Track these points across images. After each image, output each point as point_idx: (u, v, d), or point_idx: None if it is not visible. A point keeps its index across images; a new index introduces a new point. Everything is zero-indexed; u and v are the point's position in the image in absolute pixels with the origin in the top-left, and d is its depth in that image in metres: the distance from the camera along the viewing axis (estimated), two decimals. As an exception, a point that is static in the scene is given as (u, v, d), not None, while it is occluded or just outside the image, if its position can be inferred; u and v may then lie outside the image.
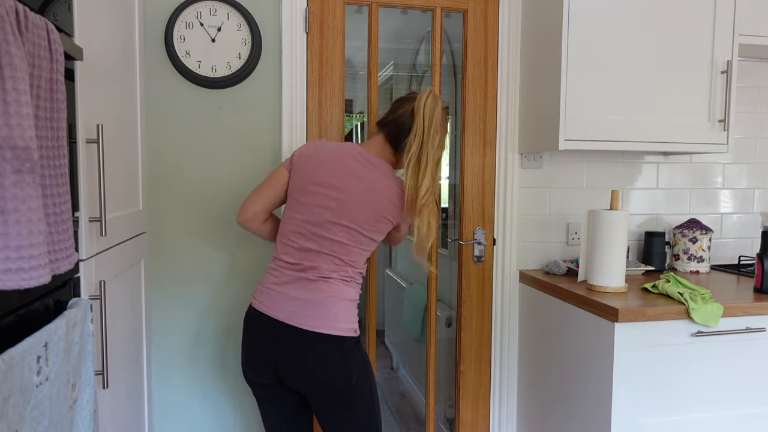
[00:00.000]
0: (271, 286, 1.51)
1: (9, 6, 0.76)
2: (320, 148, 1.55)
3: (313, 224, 1.49)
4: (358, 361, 1.49)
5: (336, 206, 1.48)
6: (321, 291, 1.47)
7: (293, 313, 1.46)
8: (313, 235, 1.49)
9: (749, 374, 1.75)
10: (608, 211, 1.80)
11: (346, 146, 1.56)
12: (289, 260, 1.51)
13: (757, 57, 2.32)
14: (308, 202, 1.50)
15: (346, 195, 1.49)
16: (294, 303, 1.47)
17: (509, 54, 2.14)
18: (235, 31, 1.89)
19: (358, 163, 1.52)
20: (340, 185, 1.49)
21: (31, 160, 0.77)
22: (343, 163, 1.51)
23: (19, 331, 0.89)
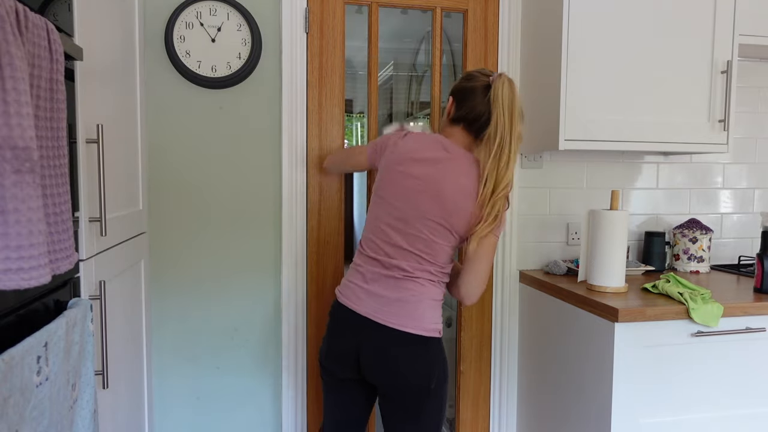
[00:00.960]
0: (357, 281, 1.53)
1: (9, 6, 0.76)
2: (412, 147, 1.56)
3: (398, 219, 1.50)
4: (441, 364, 1.49)
5: (419, 200, 1.48)
6: (407, 290, 1.47)
7: (378, 310, 1.47)
8: (397, 231, 1.49)
9: (749, 374, 1.75)
10: (608, 211, 1.80)
11: (432, 138, 1.55)
12: (374, 256, 1.51)
13: (757, 57, 2.32)
14: (393, 201, 1.51)
15: (430, 187, 1.48)
16: (379, 300, 1.48)
17: (509, 54, 2.14)
18: (235, 31, 1.89)
19: (443, 154, 1.50)
20: (424, 178, 1.48)
21: (31, 160, 0.77)
22: (428, 155, 1.51)
23: (19, 331, 0.89)
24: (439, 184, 1.48)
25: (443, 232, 1.48)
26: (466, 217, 1.47)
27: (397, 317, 1.45)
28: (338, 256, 2.07)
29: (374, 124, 2.12)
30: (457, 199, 1.46)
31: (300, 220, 2.01)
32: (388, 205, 1.51)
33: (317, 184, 2.04)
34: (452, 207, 1.46)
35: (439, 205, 1.47)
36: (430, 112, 2.15)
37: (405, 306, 1.46)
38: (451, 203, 1.46)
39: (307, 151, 2.01)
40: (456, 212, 1.47)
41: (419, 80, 2.93)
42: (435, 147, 1.51)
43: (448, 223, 1.47)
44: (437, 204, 1.47)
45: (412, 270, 1.48)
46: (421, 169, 1.49)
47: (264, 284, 2.01)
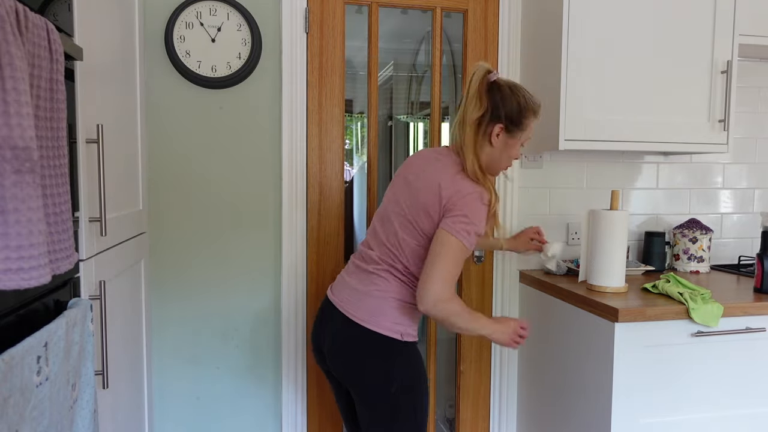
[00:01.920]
0: (342, 273, 1.56)
1: (9, 6, 0.76)
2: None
3: (381, 215, 1.52)
4: (401, 368, 1.42)
5: (396, 191, 1.50)
6: (374, 284, 1.45)
7: (345, 300, 1.47)
8: (380, 224, 1.51)
9: (749, 374, 1.75)
10: (608, 211, 1.80)
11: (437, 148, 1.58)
12: (360, 248, 1.55)
13: (757, 57, 2.32)
14: (383, 202, 1.55)
15: (409, 181, 1.48)
16: (350, 291, 1.48)
17: (509, 54, 2.14)
18: (235, 31, 1.89)
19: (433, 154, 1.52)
20: (409, 174, 1.50)
21: (31, 160, 0.77)
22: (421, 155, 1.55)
23: (19, 331, 0.89)
24: (411, 174, 1.49)
25: (408, 226, 1.43)
26: (427, 212, 1.41)
27: (359, 310, 1.43)
28: (338, 256, 2.07)
29: (374, 124, 2.12)
30: (421, 190, 1.43)
31: (300, 220, 2.00)
32: (382, 204, 1.55)
33: (317, 184, 2.04)
34: (416, 199, 1.43)
35: (408, 195, 1.45)
36: (430, 113, 2.15)
37: (368, 300, 1.44)
38: (416, 194, 1.44)
39: (307, 151, 2.01)
40: (418, 206, 1.42)
41: (419, 80, 2.93)
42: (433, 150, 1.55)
43: (412, 217, 1.43)
44: (407, 193, 1.46)
45: (382, 263, 1.46)
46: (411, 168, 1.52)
47: (264, 284, 2.01)
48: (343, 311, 1.46)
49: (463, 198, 1.37)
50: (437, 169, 1.45)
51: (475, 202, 1.37)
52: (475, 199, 1.38)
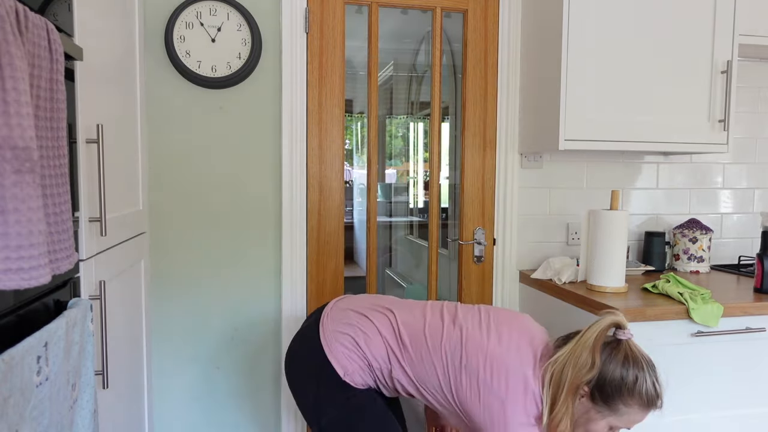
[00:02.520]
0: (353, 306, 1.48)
1: (9, 6, 0.76)
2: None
3: (444, 312, 1.41)
4: (332, 405, 1.34)
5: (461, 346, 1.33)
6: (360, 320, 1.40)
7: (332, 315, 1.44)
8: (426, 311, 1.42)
9: (749, 374, 1.75)
10: (608, 211, 1.80)
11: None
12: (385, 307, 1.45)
13: (757, 57, 2.32)
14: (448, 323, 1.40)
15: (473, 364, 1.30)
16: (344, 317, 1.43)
17: (509, 54, 2.14)
18: (235, 31, 1.89)
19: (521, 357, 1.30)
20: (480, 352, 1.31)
21: (31, 160, 0.77)
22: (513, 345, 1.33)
23: (19, 331, 0.89)
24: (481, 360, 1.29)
25: (449, 374, 1.30)
26: (471, 408, 1.27)
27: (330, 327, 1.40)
28: (338, 256, 2.07)
29: (374, 124, 2.12)
30: (478, 389, 1.27)
31: (300, 220, 2.00)
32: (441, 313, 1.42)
33: (317, 184, 2.04)
34: (466, 389, 1.28)
35: (463, 375, 1.29)
36: (430, 113, 2.15)
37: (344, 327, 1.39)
38: (472, 385, 1.28)
39: (307, 151, 2.01)
40: (465, 396, 1.28)
41: (419, 80, 2.93)
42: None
43: (455, 389, 1.29)
44: (462, 374, 1.29)
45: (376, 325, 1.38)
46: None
47: (264, 284, 2.01)
48: (321, 320, 1.44)
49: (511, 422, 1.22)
50: (511, 393, 1.24)
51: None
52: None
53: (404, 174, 3.20)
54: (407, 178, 3.21)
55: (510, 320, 1.38)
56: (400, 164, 3.23)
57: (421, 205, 2.97)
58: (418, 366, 1.34)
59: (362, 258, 2.42)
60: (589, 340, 1.22)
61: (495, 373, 1.26)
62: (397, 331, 1.37)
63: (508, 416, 1.23)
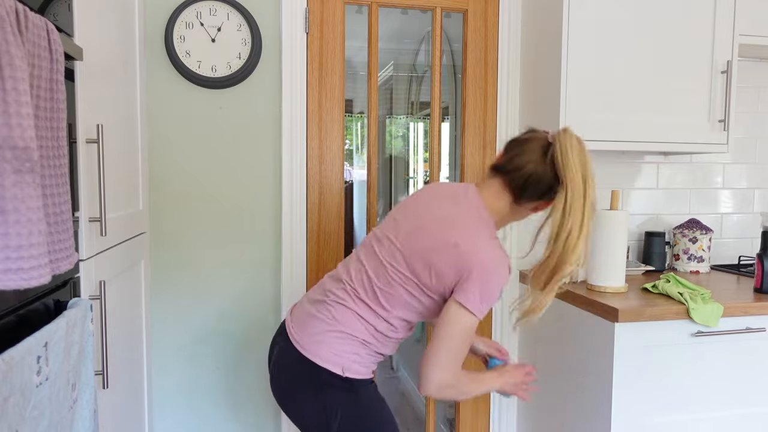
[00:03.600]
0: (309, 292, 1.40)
1: (9, 6, 0.76)
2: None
3: (372, 238, 1.34)
4: (344, 405, 1.24)
5: (400, 228, 1.28)
6: (328, 308, 1.28)
7: (295, 318, 1.33)
8: (365, 245, 1.33)
9: (749, 374, 1.75)
10: (608, 211, 1.80)
11: (456, 185, 1.36)
12: (338, 266, 1.37)
13: (757, 57, 2.32)
14: (385, 222, 1.36)
15: (414, 218, 1.28)
16: (303, 309, 1.34)
17: (509, 54, 2.14)
18: (235, 31, 1.89)
19: (452, 197, 1.29)
20: (416, 212, 1.29)
21: (31, 160, 0.77)
22: (438, 193, 1.33)
23: (19, 331, 0.89)
24: (419, 214, 1.27)
25: (401, 262, 1.24)
26: (431, 268, 1.22)
27: (301, 332, 1.28)
28: (338, 256, 2.07)
29: (374, 124, 2.12)
30: (429, 239, 1.23)
31: (300, 220, 2.00)
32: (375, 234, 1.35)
33: (317, 185, 2.04)
34: (420, 245, 1.23)
35: (411, 238, 1.25)
36: (430, 112, 2.15)
37: (311, 322, 1.27)
38: (421, 239, 1.23)
39: (307, 151, 2.01)
40: (420, 255, 1.22)
41: (419, 80, 2.93)
42: (449, 189, 1.32)
43: (411, 259, 1.23)
44: (410, 235, 1.25)
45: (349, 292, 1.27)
46: (417, 203, 1.32)
47: (264, 284, 2.01)
48: (288, 330, 1.31)
49: (487, 269, 1.19)
50: (459, 221, 1.23)
51: (501, 272, 1.21)
52: (502, 268, 1.21)
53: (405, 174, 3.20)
54: (407, 178, 3.21)
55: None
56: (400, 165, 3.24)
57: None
58: (391, 298, 1.25)
59: (362, 258, 2.41)
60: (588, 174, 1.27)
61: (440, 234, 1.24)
62: (354, 292, 1.28)
63: (491, 270, 1.20)
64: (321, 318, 1.28)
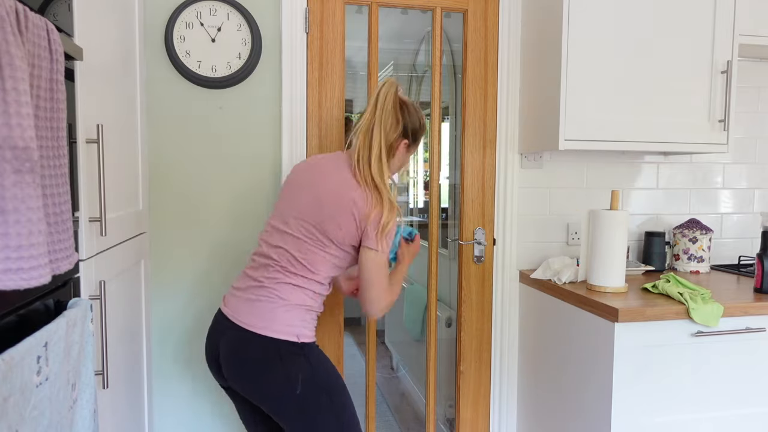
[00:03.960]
0: (233, 285, 1.54)
1: (9, 6, 0.76)
2: (309, 159, 1.63)
3: (277, 219, 1.52)
4: (302, 369, 1.40)
5: (299, 198, 1.50)
6: (267, 289, 1.44)
7: (236, 309, 1.46)
8: (276, 231, 1.50)
9: (749, 374, 1.75)
10: (608, 211, 1.80)
11: (335, 153, 1.61)
12: (254, 257, 1.53)
13: (757, 57, 2.32)
14: (282, 201, 1.55)
15: (312, 187, 1.49)
16: (241, 299, 1.46)
17: (509, 54, 2.14)
18: (235, 31, 1.89)
19: (332, 159, 1.55)
20: (305, 183, 1.51)
21: (31, 160, 0.77)
22: (319, 162, 1.56)
23: (19, 331, 0.89)
24: (312, 183, 1.49)
25: (316, 234, 1.45)
26: (346, 220, 1.44)
27: (250, 317, 1.42)
28: (338, 256, 2.07)
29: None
30: (328, 202, 1.45)
31: (300, 220, 2.00)
32: (276, 212, 1.55)
33: (317, 184, 2.04)
34: (322, 209, 1.45)
35: (313, 206, 1.46)
36: (430, 112, 2.15)
37: (259, 306, 1.43)
38: (321, 205, 1.45)
39: (307, 151, 2.01)
40: (324, 217, 1.44)
41: (419, 80, 2.93)
42: (326, 158, 1.57)
43: (320, 227, 1.44)
44: (310, 203, 1.47)
45: (279, 270, 1.45)
46: (307, 177, 1.53)
47: (264, 284, 2.01)
48: (235, 321, 1.44)
49: (379, 214, 1.44)
50: (343, 182, 1.46)
51: (388, 214, 1.46)
52: (389, 211, 1.46)
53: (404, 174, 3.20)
54: (407, 178, 3.21)
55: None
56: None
57: (421, 205, 2.97)
58: (315, 262, 1.46)
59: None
60: (387, 105, 1.50)
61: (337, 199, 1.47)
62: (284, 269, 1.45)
63: (382, 215, 1.45)
64: (265, 299, 1.44)
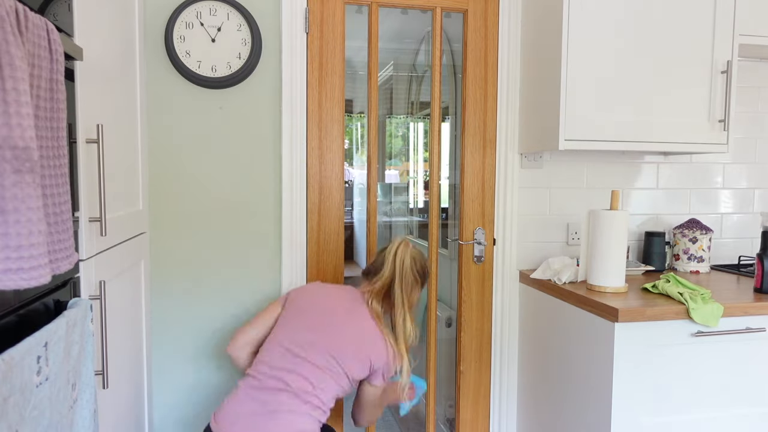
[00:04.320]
0: (231, 403, 1.50)
1: (9, 6, 0.76)
2: (317, 284, 1.73)
3: (293, 343, 1.54)
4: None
5: (322, 330, 1.55)
6: (280, 403, 1.46)
7: (248, 425, 1.45)
8: (290, 353, 1.53)
9: (749, 374, 1.75)
10: (608, 211, 1.80)
11: (343, 286, 1.72)
12: (260, 377, 1.52)
13: (757, 57, 2.32)
14: (296, 324, 1.58)
15: (336, 324, 1.56)
16: (250, 416, 1.46)
17: (509, 54, 2.14)
18: (235, 31, 1.89)
19: (351, 297, 1.65)
20: (331, 314, 1.58)
21: (31, 160, 0.77)
22: (337, 297, 1.65)
23: (19, 331, 0.89)
24: (345, 324, 1.57)
25: (336, 367, 1.52)
26: (363, 364, 1.55)
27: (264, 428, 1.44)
28: (338, 256, 2.07)
29: (374, 124, 2.12)
30: (359, 343, 1.54)
31: (300, 220, 2.01)
32: (289, 328, 1.59)
33: (317, 184, 2.04)
34: (351, 348, 1.53)
35: (341, 342, 1.54)
36: (430, 113, 2.16)
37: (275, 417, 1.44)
38: (350, 344, 1.54)
39: (307, 151, 2.01)
40: (352, 356, 1.53)
41: (419, 80, 2.93)
42: (346, 292, 1.67)
43: (343, 362, 1.53)
44: (339, 339, 1.54)
45: (294, 390, 1.48)
46: (331, 307, 1.61)
47: (264, 284, 2.01)
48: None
49: (393, 362, 1.59)
50: (370, 331, 1.57)
51: (394, 360, 1.61)
52: (395, 358, 1.61)
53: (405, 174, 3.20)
54: (407, 178, 3.21)
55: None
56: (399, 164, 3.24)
57: (421, 205, 2.97)
58: (326, 392, 1.53)
59: (362, 258, 2.43)
60: (406, 266, 1.64)
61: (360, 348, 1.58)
62: (299, 397, 1.49)
63: (391, 361, 1.60)
64: (282, 425, 1.45)
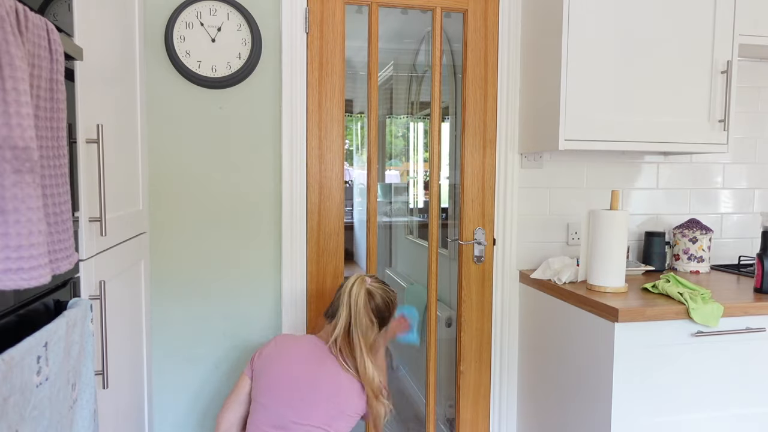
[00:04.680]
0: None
1: (9, 6, 0.76)
2: (279, 344, 1.64)
3: (275, 426, 1.51)
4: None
5: (298, 404, 1.51)
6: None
7: None
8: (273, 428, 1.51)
9: (749, 374, 1.75)
10: (608, 211, 1.80)
11: (305, 339, 1.65)
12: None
13: (757, 57, 2.32)
14: (269, 402, 1.54)
15: (309, 395, 1.52)
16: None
17: (509, 54, 2.14)
18: (235, 31, 1.89)
19: (316, 354, 1.59)
20: (302, 384, 1.53)
21: (31, 160, 0.77)
22: (302, 359, 1.58)
23: (19, 331, 0.89)
24: (318, 390, 1.52)
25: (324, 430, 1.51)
26: (350, 419, 1.53)
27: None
28: (338, 256, 2.07)
29: (374, 124, 2.12)
30: (337, 404, 1.52)
31: (300, 220, 2.01)
32: (264, 410, 1.54)
33: (317, 184, 2.04)
34: (334, 412, 1.51)
35: (321, 412, 1.51)
36: (430, 113, 2.16)
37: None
38: (330, 409, 1.51)
39: (307, 151, 2.01)
40: (337, 416, 1.52)
41: (419, 80, 2.93)
42: (310, 348, 1.60)
43: (331, 426, 1.51)
44: (318, 410, 1.51)
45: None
46: (300, 374, 1.55)
47: (264, 284, 2.01)
48: None
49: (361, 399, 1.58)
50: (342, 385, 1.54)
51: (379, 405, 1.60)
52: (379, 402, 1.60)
53: (405, 174, 3.20)
54: (407, 178, 3.21)
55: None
56: (400, 164, 3.24)
57: (421, 205, 2.97)
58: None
59: (362, 258, 2.42)
60: (359, 307, 1.57)
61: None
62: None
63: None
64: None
